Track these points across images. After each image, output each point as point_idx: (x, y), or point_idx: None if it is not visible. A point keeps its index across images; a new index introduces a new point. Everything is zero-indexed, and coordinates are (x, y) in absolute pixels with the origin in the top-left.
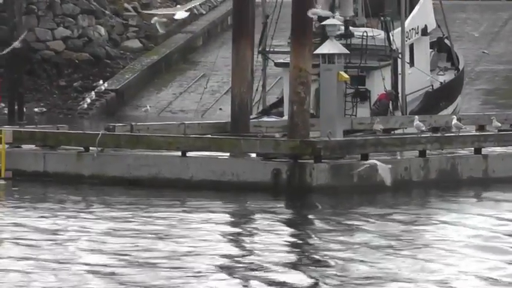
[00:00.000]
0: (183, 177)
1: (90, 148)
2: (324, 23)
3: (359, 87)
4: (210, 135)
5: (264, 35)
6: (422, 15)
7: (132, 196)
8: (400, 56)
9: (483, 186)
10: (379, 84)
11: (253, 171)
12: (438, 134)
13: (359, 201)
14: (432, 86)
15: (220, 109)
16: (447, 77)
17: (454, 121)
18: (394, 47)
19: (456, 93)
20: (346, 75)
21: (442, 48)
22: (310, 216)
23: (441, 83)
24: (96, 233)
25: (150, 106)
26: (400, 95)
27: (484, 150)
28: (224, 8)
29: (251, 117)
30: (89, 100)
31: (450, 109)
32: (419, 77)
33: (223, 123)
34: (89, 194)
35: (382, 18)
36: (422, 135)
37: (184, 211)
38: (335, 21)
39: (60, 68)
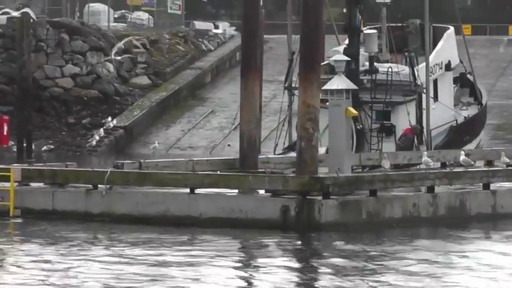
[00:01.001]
0: (192, 215)
1: (99, 186)
2: (331, 59)
3: (384, 122)
4: (218, 172)
5: (290, 71)
6: (446, 51)
7: (141, 234)
8: (424, 91)
9: (492, 222)
10: (404, 119)
11: (261, 208)
12: (447, 170)
13: (368, 238)
14: (456, 120)
15: (229, 145)
16: (470, 111)
17: (463, 157)
18: (418, 82)
19: (480, 127)
20: (354, 111)
21: (464, 84)
22: (320, 253)
23: (465, 117)
24: (104, 272)
25: (158, 143)
26: (424, 129)
27: (492, 186)
28: (232, 44)
29: (278, 152)
30: (97, 137)
31: (474, 143)
32: (444, 111)
33: (231, 160)
34: (98, 232)
35: (406, 53)
36: (431, 171)
37: (193, 249)
38: (343, 57)
39: (68, 105)
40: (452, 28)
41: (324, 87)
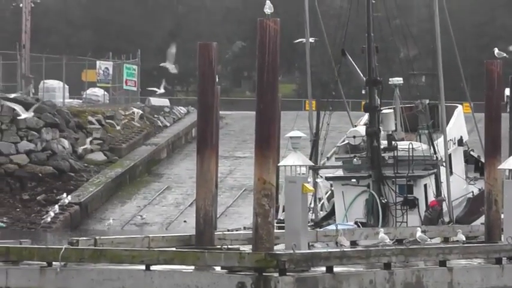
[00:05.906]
0: None
1: (53, 263)
2: (287, 135)
3: (407, 195)
4: (174, 248)
5: (313, 150)
6: (457, 127)
7: None
8: (443, 164)
9: None
10: (425, 191)
11: (217, 284)
12: (403, 247)
13: None
14: (472, 192)
15: (185, 221)
16: (479, 185)
17: (419, 233)
18: (439, 157)
19: None
20: (310, 187)
21: (469, 160)
22: None
23: (479, 189)
24: None
25: (113, 219)
26: (446, 201)
27: (449, 263)
28: (188, 120)
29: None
30: (52, 214)
31: None
32: (458, 184)
33: (187, 236)
34: None
35: (425, 131)
36: (387, 247)
37: None
38: (299, 133)
39: (23, 181)
40: (460, 106)
41: (280, 164)
